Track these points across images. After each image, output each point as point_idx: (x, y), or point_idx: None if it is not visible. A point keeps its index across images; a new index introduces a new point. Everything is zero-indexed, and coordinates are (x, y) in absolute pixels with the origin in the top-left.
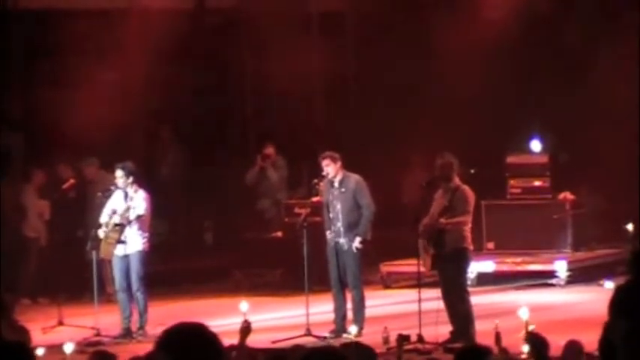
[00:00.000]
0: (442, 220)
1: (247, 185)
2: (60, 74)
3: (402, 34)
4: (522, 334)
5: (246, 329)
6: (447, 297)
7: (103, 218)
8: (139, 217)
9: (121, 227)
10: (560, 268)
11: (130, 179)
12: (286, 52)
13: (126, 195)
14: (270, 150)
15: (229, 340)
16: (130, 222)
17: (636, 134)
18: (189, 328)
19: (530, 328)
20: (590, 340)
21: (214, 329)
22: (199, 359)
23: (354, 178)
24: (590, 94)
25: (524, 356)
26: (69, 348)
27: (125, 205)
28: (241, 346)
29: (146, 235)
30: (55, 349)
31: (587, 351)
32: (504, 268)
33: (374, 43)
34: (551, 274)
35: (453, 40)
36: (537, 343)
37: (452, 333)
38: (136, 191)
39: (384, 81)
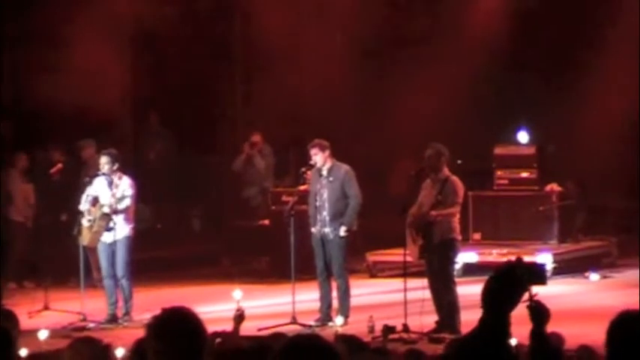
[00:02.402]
0: (432, 212)
1: (234, 172)
2: (48, 60)
3: (392, 26)
4: (526, 300)
5: (239, 317)
6: (433, 287)
7: (83, 206)
8: (127, 208)
9: (108, 216)
10: (546, 259)
11: (115, 166)
12: (277, 39)
13: (110, 182)
14: (257, 138)
15: (215, 327)
16: (117, 212)
17: (624, 127)
18: (175, 313)
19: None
20: (575, 333)
21: (201, 316)
22: (183, 343)
23: (344, 168)
24: (578, 88)
25: None
26: (43, 335)
27: (111, 193)
28: (234, 334)
29: (132, 221)
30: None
31: (569, 345)
32: (489, 259)
33: (364, 36)
34: None
35: (442, 32)
36: (539, 310)
37: (437, 323)
38: (120, 178)
39: (374, 71)
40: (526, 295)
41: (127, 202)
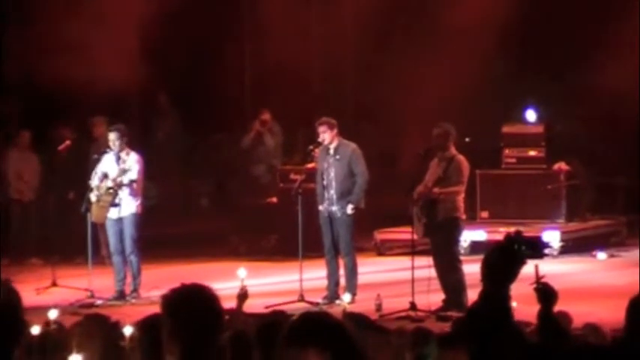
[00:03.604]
0: (435, 189)
1: (242, 150)
2: (57, 38)
3: (400, 6)
4: (534, 282)
5: (243, 295)
6: (438, 265)
7: (94, 182)
8: (132, 182)
9: (114, 191)
10: (553, 238)
11: (123, 141)
12: (285, 18)
13: (118, 158)
14: (267, 115)
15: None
16: (122, 186)
17: (633, 105)
18: (193, 289)
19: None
20: (581, 311)
21: None
22: (199, 320)
23: (351, 146)
24: (586, 68)
25: None
26: (53, 314)
27: (118, 168)
28: (238, 312)
29: (139, 197)
30: (47, 310)
31: (576, 323)
32: (497, 237)
33: (372, 14)
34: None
35: (451, 11)
36: (546, 292)
37: (444, 301)
38: (127, 154)
39: (382, 51)
40: (533, 276)
41: (131, 175)
